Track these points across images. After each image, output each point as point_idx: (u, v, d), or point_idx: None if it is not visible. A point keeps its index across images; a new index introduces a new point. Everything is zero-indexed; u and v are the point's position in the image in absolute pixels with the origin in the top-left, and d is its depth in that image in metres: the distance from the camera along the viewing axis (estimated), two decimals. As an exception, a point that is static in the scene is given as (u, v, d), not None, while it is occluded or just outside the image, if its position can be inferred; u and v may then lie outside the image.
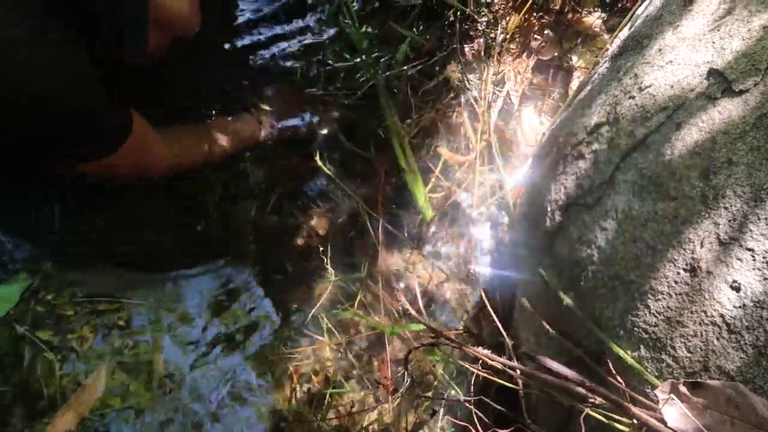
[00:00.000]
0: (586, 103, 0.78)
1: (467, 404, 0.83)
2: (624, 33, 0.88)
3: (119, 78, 0.91)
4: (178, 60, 1.14)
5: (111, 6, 1.05)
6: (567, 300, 0.69)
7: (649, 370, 0.58)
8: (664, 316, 0.58)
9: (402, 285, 1.10)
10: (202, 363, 1.06)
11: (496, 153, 1.14)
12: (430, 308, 1.08)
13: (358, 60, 1.21)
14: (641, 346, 0.59)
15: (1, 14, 0.73)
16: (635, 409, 0.49)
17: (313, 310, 1.08)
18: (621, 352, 0.60)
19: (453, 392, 0.96)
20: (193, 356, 1.07)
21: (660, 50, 0.69)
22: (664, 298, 0.58)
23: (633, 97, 0.68)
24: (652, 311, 0.59)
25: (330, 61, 1.25)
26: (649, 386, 0.58)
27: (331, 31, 1.27)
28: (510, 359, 0.76)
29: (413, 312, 0.95)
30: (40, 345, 1.00)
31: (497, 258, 1.06)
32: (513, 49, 1.28)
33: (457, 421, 0.77)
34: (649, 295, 0.59)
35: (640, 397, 0.58)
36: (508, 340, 0.80)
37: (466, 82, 1.22)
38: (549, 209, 0.78)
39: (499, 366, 0.73)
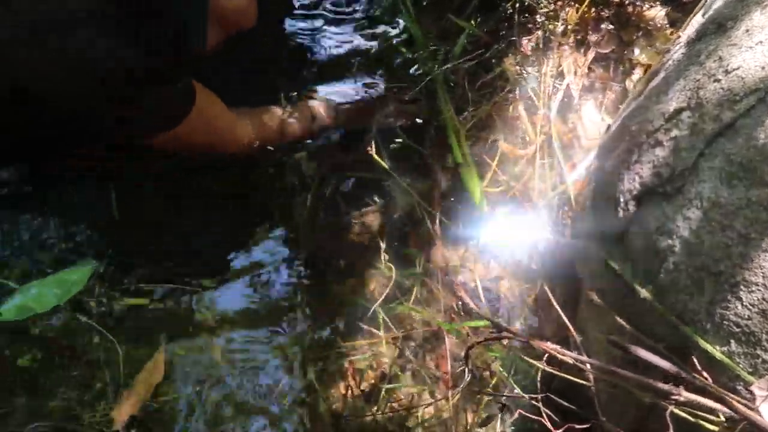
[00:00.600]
0: (662, 89, 0.76)
1: (533, 402, 0.81)
2: (697, 19, 0.85)
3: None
4: (235, 54, 1.16)
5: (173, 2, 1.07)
6: (644, 293, 0.66)
7: (741, 366, 0.55)
8: (758, 309, 0.54)
9: (460, 280, 1.08)
10: (259, 356, 1.07)
11: (556, 146, 1.11)
12: (488, 303, 1.05)
13: (416, 53, 1.20)
14: (732, 341, 0.56)
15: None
16: (737, 404, 0.46)
17: (373, 306, 1.06)
18: (709, 347, 0.58)
19: (514, 390, 0.93)
20: (250, 348, 1.07)
21: (747, 31, 0.66)
22: (759, 290, 0.55)
23: (718, 81, 0.65)
24: (744, 304, 0.56)
25: (387, 55, 1.25)
26: (740, 383, 0.55)
27: (388, 25, 1.27)
28: (581, 354, 0.73)
29: (474, 307, 0.94)
30: (102, 330, 1.02)
31: (558, 252, 1.04)
32: (571, 42, 1.25)
33: (528, 415, 0.75)
34: (742, 287, 0.56)
35: (730, 395, 0.55)
36: (576, 335, 0.77)
37: (524, 75, 1.20)
38: (621, 200, 0.75)
39: (570, 361, 0.71)
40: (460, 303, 1.03)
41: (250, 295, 1.12)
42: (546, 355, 0.72)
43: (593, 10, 1.27)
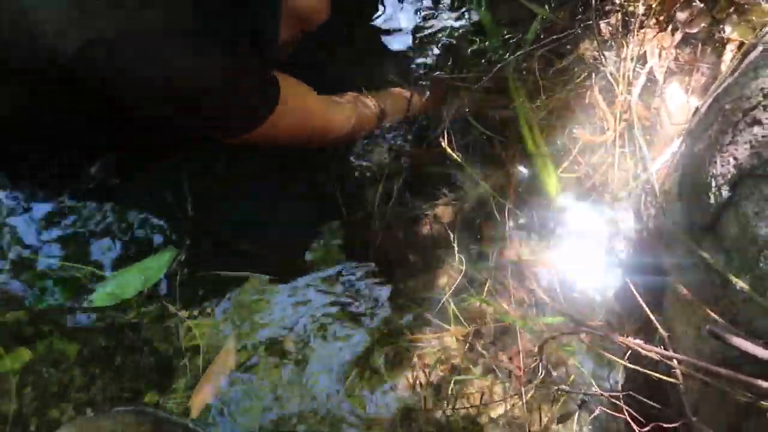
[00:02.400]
0: (760, 64, 0.69)
1: (614, 400, 0.76)
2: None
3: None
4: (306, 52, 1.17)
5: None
6: (741, 284, 0.61)
7: None
8: None
9: (533, 275, 1.04)
10: (329, 346, 1.07)
11: (638, 133, 1.05)
12: (564, 299, 1.01)
13: (486, 42, 1.17)
14: None
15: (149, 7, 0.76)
16: None
17: (443, 299, 1.05)
18: (818, 341, 0.52)
19: (593, 387, 0.89)
20: (320, 338, 1.08)
21: None
22: None
23: (827, 49, 0.58)
24: None
25: (457, 44, 1.22)
26: None
27: (457, 14, 1.25)
28: (668, 350, 0.69)
29: (549, 301, 0.90)
30: (180, 317, 1.06)
31: (641, 244, 0.98)
32: (654, 23, 1.18)
33: (609, 412, 0.71)
34: None
35: None
36: (663, 330, 0.72)
37: (602, 60, 1.14)
38: (714, 184, 0.69)
39: (656, 357, 0.66)
40: (533, 297, 0.99)
41: (320, 286, 1.13)
42: (629, 351, 0.68)
43: (679, -13, 1.19)
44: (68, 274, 1.10)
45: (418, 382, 1.03)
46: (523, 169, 1.14)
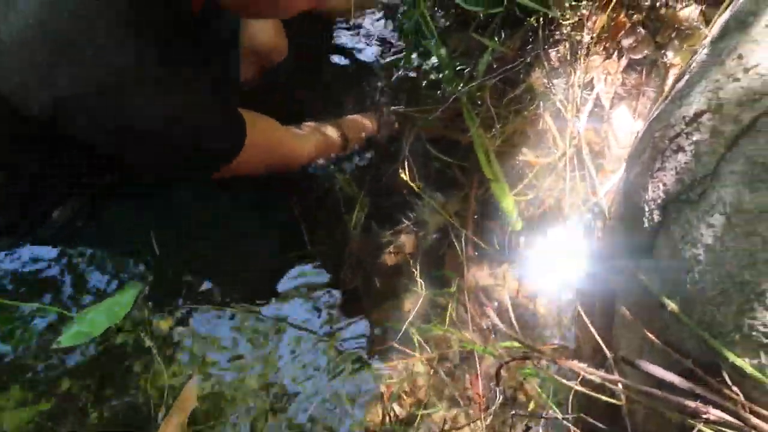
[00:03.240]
0: (684, 93, 0.73)
1: (566, 422, 0.78)
2: (725, 16, 0.81)
3: None
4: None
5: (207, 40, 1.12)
6: (671, 305, 0.63)
7: (773, 380, 0.52)
8: (787, 319, 0.51)
9: (492, 299, 1.06)
10: (296, 376, 1.08)
11: (587, 157, 1.08)
12: (523, 322, 1.03)
13: (441, 74, 1.21)
14: (762, 353, 0.53)
15: (122, 41, 0.76)
16: (756, 420, 0.43)
17: (404, 326, 1.06)
18: (737, 360, 0.54)
19: (550, 411, 0.90)
20: (287, 369, 1.09)
21: (767, 26, 0.62)
22: (787, 298, 0.51)
23: (738, 80, 0.62)
24: (772, 313, 0.52)
25: (412, 76, 1.26)
26: (774, 398, 0.51)
27: (412, 47, 1.28)
28: (611, 373, 0.70)
29: (503, 327, 0.92)
30: (146, 353, 1.06)
31: (593, 266, 1.00)
32: (601, 50, 1.22)
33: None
34: (768, 295, 0.53)
35: (762, 410, 0.51)
36: (608, 352, 0.74)
37: (551, 87, 1.18)
38: (647, 209, 0.72)
39: (598, 380, 0.68)
40: (491, 322, 1.01)
41: (288, 316, 1.13)
42: (580, 374, 0.70)
43: (623, 15, 1.24)
44: (35, 314, 1.10)
45: (385, 411, 1.04)
46: (481, 196, 1.17)
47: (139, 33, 0.75)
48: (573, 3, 1.23)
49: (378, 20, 1.36)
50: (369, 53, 1.35)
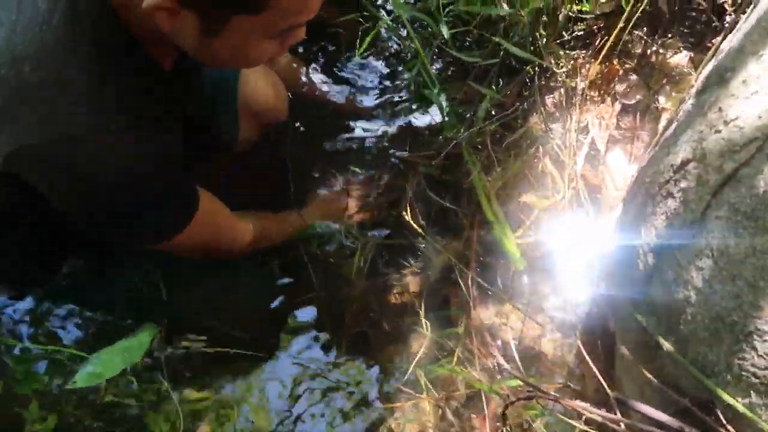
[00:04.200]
0: (672, 141, 0.77)
1: (571, 461, 0.79)
2: (708, 68, 0.86)
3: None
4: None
5: (205, 99, 1.17)
6: (667, 345, 0.66)
7: (763, 418, 0.54)
8: (774, 358, 0.54)
9: (498, 339, 1.08)
10: (306, 417, 1.09)
11: (585, 200, 1.12)
12: (527, 362, 1.05)
13: (441, 121, 1.26)
14: (752, 392, 0.55)
15: (93, 97, 0.74)
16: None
17: (411, 367, 1.08)
18: (730, 400, 0.57)
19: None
20: (294, 412, 1.11)
21: (744, 81, 0.67)
22: (773, 339, 0.54)
23: (719, 132, 0.66)
24: (760, 353, 0.55)
25: (414, 124, 1.31)
26: (766, 436, 0.54)
27: (413, 94, 1.34)
28: (614, 413, 0.73)
29: (509, 367, 0.94)
30: (159, 394, 1.08)
31: (594, 306, 1.03)
32: (595, 96, 1.28)
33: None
34: (755, 336, 0.56)
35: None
36: (610, 391, 0.77)
37: (549, 132, 1.23)
38: (641, 251, 0.75)
39: (600, 419, 0.70)
40: (496, 361, 1.03)
41: (296, 359, 1.16)
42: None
43: (615, 62, 1.30)
44: (50, 357, 1.13)
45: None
46: (483, 237, 1.20)
47: (101, 86, 0.73)
48: (566, 52, 1.29)
49: (379, 70, 1.42)
50: (370, 102, 1.41)
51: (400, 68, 1.42)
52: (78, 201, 0.78)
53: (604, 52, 1.23)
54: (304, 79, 1.36)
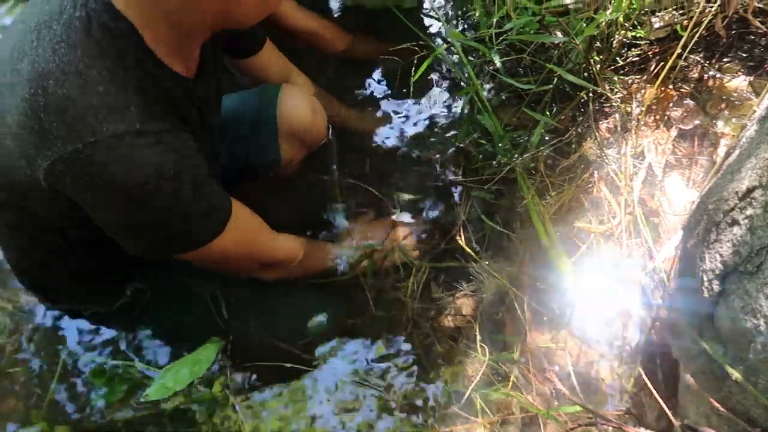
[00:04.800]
0: (736, 168, 0.77)
1: (634, 490, 0.79)
2: (771, 95, 0.86)
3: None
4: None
5: (246, 123, 1.19)
6: (735, 374, 0.65)
7: (842, 450, 0.53)
8: None
9: (554, 363, 1.08)
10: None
11: (643, 225, 1.12)
12: (585, 387, 1.04)
13: (495, 146, 1.28)
14: (829, 423, 0.54)
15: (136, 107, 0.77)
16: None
17: (467, 391, 1.09)
18: (805, 430, 0.56)
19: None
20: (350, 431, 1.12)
21: (811, 110, 0.67)
22: None
23: (786, 159, 0.66)
24: (836, 383, 0.54)
25: (467, 148, 1.33)
26: None
27: (467, 120, 1.37)
28: (678, 440, 0.72)
29: (567, 392, 0.94)
30: (223, 406, 1.12)
31: (654, 333, 1.02)
32: (651, 121, 1.27)
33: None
34: (831, 366, 0.55)
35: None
36: (675, 420, 0.76)
37: (603, 157, 1.23)
38: (705, 279, 0.75)
39: (666, 446, 0.70)
40: (554, 387, 1.03)
41: (352, 378, 1.18)
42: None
43: (671, 87, 1.29)
44: (123, 371, 1.18)
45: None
46: (538, 262, 1.21)
47: (124, 95, 0.76)
48: (621, 78, 1.30)
49: (434, 96, 1.46)
50: (422, 127, 1.44)
51: (454, 95, 1.45)
52: (111, 208, 0.81)
53: (659, 78, 1.23)
54: (336, 109, 1.40)
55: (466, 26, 1.55)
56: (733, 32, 1.29)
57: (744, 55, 1.28)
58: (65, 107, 0.74)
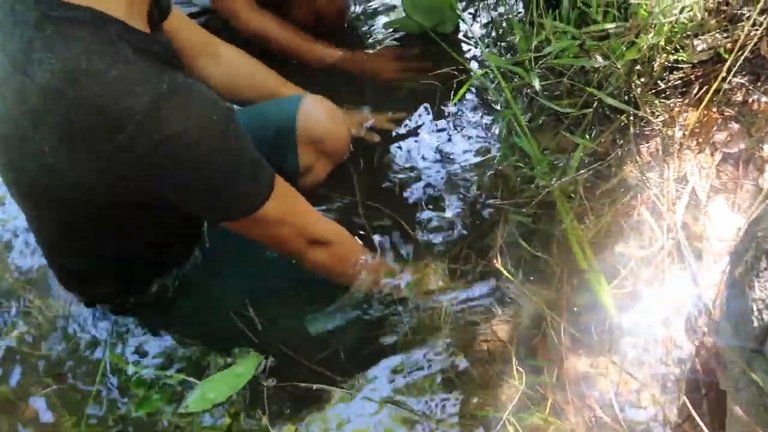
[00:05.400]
0: (786, 194, 0.75)
1: None
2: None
3: None
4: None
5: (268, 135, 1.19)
6: (789, 407, 0.63)
7: None
8: None
9: (593, 390, 1.06)
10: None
11: (686, 250, 1.09)
12: (626, 415, 1.01)
13: (533, 169, 1.28)
14: None
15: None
16: None
17: (504, 415, 1.07)
18: None
19: None
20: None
21: None
22: None
23: (840, 186, 0.64)
24: None
25: (505, 172, 1.33)
26: None
27: (504, 145, 1.37)
28: (727, 474, 0.69)
29: (608, 420, 0.92)
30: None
31: (699, 362, 0.99)
32: (694, 144, 1.25)
33: None
34: None
35: None
36: (722, 453, 0.73)
37: (645, 181, 1.21)
38: (755, 308, 0.73)
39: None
40: (593, 414, 1.01)
41: (385, 401, 1.17)
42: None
43: (715, 111, 1.27)
44: (162, 382, 1.20)
45: None
46: (576, 286, 1.19)
47: (127, 65, 0.78)
48: (662, 101, 1.29)
49: (472, 120, 1.46)
50: (459, 150, 1.44)
51: (491, 118, 1.45)
52: (180, 169, 0.82)
53: (703, 101, 1.22)
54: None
55: (502, 50, 1.56)
56: (780, 54, 1.26)
57: (791, 78, 1.26)
58: (94, 106, 0.76)
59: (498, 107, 1.44)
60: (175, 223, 1.05)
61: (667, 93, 1.30)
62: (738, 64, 1.18)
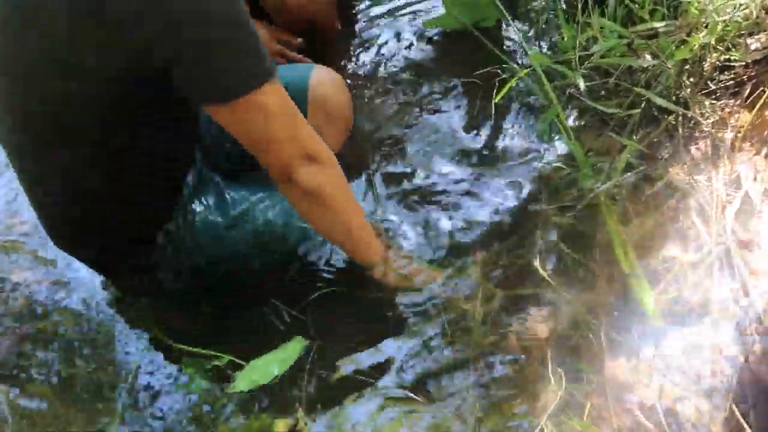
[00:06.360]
0: None
1: None
2: None
3: None
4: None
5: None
6: None
7: None
8: None
9: (634, 396, 1.03)
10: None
11: (736, 256, 1.05)
12: (668, 423, 0.98)
13: (578, 171, 1.25)
14: None
15: None
16: None
17: (542, 421, 1.05)
18: None
19: None
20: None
21: None
22: None
23: None
24: None
25: (549, 174, 1.31)
26: None
27: (548, 145, 1.35)
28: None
29: (652, 428, 0.89)
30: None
31: (747, 371, 0.95)
32: (747, 146, 1.21)
33: None
34: None
35: None
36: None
37: (693, 184, 1.18)
38: (810, 315, 0.70)
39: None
40: (635, 422, 0.98)
41: (414, 402, 1.16)
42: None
43: (768, 112, 1.23)
44: (210, 363, 1.20)
45: None
46: (618, 290, 1.16)
47: None
48: (712, 102, 1.25)
49: (514, 120, 1.45)
50: (500, 151, 1.43)
51: (533, 118, 1.43)
52: (181, 20, 0.85)
53: (755, 102, 1.17)
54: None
55: (546, 48, 1.54)
56: (841, 53, 1.21)
57: None
58: None
59: (538, 107, 1.42)
60: (174, 146, 1.05)
61: (718, 94, 1.26)
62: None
